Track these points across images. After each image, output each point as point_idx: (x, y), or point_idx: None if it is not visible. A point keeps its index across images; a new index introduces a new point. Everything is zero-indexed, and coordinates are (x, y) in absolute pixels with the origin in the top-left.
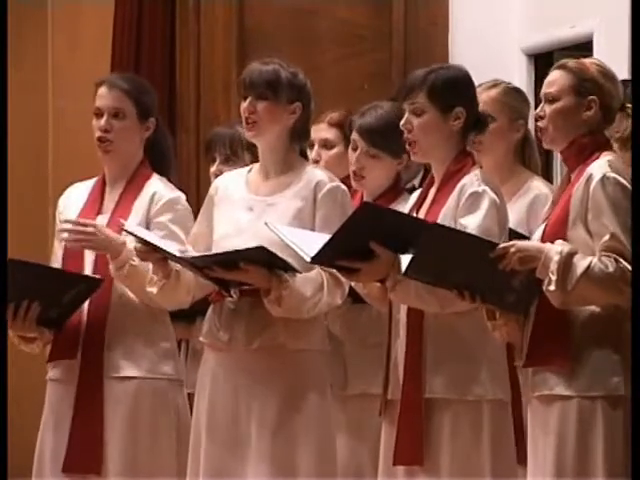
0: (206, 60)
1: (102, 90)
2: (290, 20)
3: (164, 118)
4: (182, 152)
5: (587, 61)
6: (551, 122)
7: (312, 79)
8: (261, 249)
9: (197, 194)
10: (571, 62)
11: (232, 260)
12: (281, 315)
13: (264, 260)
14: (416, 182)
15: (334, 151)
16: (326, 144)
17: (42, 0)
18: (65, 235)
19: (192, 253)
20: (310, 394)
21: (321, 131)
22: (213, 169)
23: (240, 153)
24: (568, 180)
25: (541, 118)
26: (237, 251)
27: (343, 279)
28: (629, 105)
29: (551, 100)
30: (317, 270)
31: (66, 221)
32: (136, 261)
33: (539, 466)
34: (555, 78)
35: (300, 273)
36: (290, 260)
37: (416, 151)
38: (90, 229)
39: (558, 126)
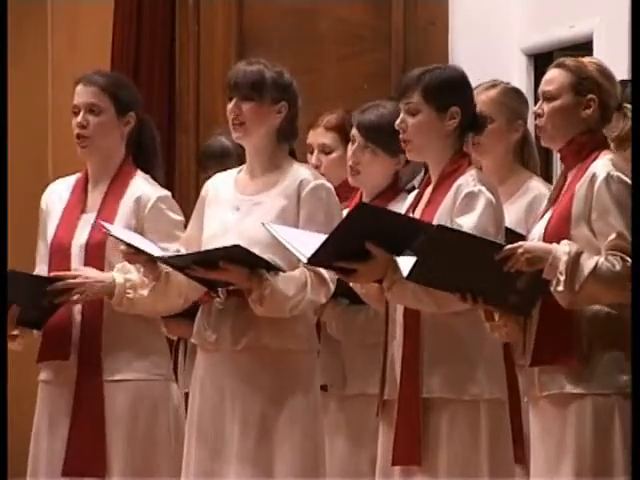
0: (206, 60)
1: (78, 88)
2: (290, 20)
3: (163, 118)
4: (182, 152)
5: (585, 60)
6: (550, 120)
7: (312, 79)
8: (237, 247)
9: (197, 194)
10: (569, 60)
11: (210, 259)
12: (264, 314)
13: (243, 259)
14: (416, 183)
15: (333, 155)
16: (324, 149)
17: (42, 0)
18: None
19: (174, 252)
20: (295, 394)
21: (319, 136)
22: None
23: (233, 167)
24: (564, 178)
25: (539, 116)
26: (213, 250)
27: (328, 278)
28: (626, 105)
29: (549, 98)
30: (301, 269)
31: (51, 289)
32: (131, 293)
33: (551, 466)
34: (554, 76)
35: (284, 272)
36: (274, 258)
37: (410, 149)
38: (79, 280)
39: (557, 125)
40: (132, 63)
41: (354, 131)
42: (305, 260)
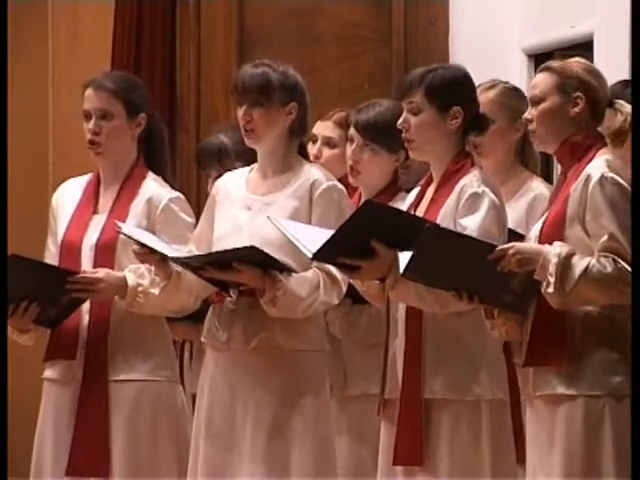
0: (206, 60)
1: (88, 92)
2: (290, 20)
3: (164, 118)
4: (182, 152)
5: (571, 60)
6: (540, 124)
7: (312, 79)
8: (252, 249)
9: (197, 194)
10: (554, 63)
11: (224, 260)
12: (277, 315)
13: (257, 260)
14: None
15: (335, 151)
16: (329, 142)
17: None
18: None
19: (188, 253)
20: (307, 394)
21: (327, 129)
22: (210, 186)
23: (230, 165)
24: (564, 179)
25: (529, 122)
26: (228, 251)
27: (340, 278)
28: (618, 100)
29: (537, 102)
30: (314, 270)
31: (72, 281)
32: (142, 298)
33: (543, 465)
34: (539, 80)
35: (296, 272)
36: (286, 259)
37: (413, 147)
38: (99, 275)
39: (547, 127)
40: (132, 63)
41: (352, 131)
42: (310, 255)
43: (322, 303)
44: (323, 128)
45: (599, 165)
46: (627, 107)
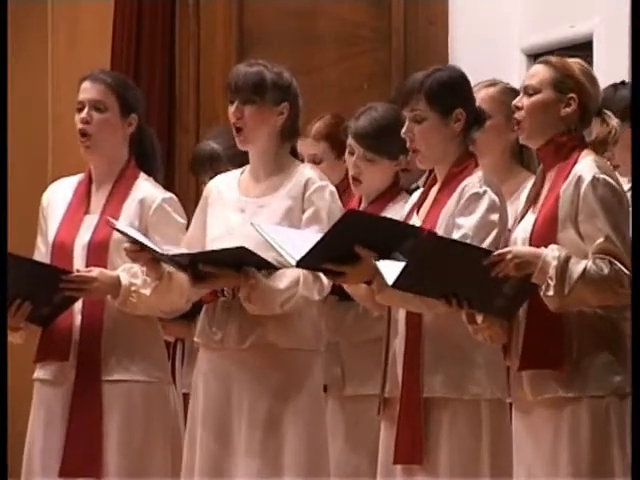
0: (206, 60)
1: (85, 84)
2: (290, 20)
3: (163, 119)
4: (182, 153)
5: (570, 59)
6: (529, 115)
7: (312, 79)
8: (242, 249)
9: (196, 195)
10: (554, 58)
11: (212, 259)
12: (256, 312)
13: (241, 260)
14: (420, 183)
15: (322, 165)
16: (314, 159)
17: None
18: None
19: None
20: (301, 391)
21: (308, 146)
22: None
23: (223, 170)
24: (543, 178)
25: (518, 109)
26: (218, 250)
27: (322, 275)
28: (606, 111)
29: (531, 93)
30: None
31: (67, 279)
32: (135, 298)
33: (543, 468)
34: (537, 71)
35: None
36: (280, 259)
37: (422, 160)
38: (93, 274)
39: (535, 120)
40: (132, 63)
41: (351, 141)
42: (294, 263)
43: (302, 298)
44: (304, 146)
45: (589, 166)
46: (614, 119)
